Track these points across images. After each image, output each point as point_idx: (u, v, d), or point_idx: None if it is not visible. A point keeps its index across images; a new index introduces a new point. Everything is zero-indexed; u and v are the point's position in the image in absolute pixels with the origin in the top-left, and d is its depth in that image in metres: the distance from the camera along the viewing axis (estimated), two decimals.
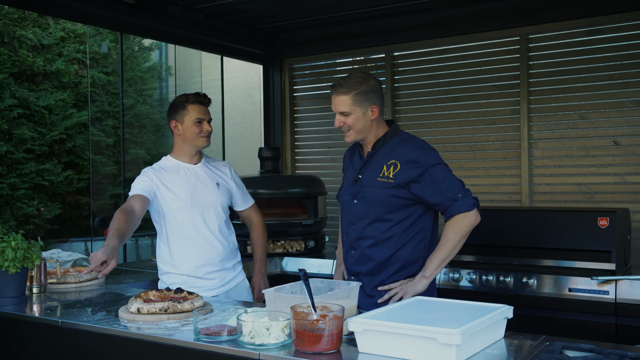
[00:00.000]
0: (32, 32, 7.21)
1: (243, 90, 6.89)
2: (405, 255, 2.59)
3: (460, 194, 2.49)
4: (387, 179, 2.54)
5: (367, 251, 2.61)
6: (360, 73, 2.61)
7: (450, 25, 4.49)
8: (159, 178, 2.96)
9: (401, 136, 2.63)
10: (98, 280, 3.09)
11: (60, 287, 2.95)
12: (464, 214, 2.48)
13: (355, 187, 2.65)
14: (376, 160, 2.61)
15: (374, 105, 2.55)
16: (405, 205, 2.56)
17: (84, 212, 7.52)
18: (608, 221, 3.31)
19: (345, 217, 2.72)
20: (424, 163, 2.50)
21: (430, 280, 2.52)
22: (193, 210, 2.94)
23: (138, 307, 2.26)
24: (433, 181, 2.49)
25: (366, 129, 2.58)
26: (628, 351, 1.79)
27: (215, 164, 3.16)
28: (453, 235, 2.49)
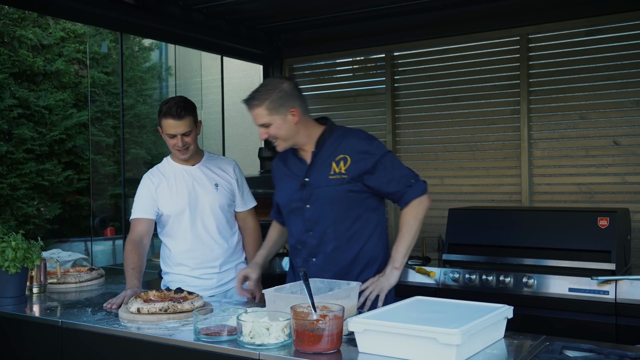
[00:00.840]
0: (32, 32, 7.21)
1: (243, 90, 6.89)
2: (369, 252, 2.55)
3: (413, 179, 2.50)
4: (339, 175, 2.48)
5: (330, 255, 2.53)
6: (271, 79, 2.53)
7: (450, 25, 4.49)
8: (158, 185, 2.98)
9: (340, 130, 2.58)
10: (98, 280, 3.10)
11: (60, 287, 2.95)
12: (420, 199, 2.49)
13: (305, 191, 2.54)
14: (322, 159, 2.53)
15: (292, 108, 2.46)
16: (361, 200, 2.51)
17: (84, 212, 7.52)
18: (608, 221, 3.31)
19: (297, 225, 2.59)
20: (375, 152, 2.47)
21: (401, 270, 2.49)
22: (190, 213, 2.94)
23: (138, 307, 2.26)
24: (386, 170, 2.47)
25: (292, 134, 2.50)
26: (628, 351, 1.79)
27: (218, 162, 3.08)
28: (414, 220, 2.49)
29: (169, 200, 2.95)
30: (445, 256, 3.78)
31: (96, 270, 3.14)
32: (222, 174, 3.04)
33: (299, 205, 2.56)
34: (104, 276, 3.19)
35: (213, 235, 2.97)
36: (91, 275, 3.06)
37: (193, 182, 2.98)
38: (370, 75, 5.04)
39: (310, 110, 5.40)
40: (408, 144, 4.79)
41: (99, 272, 3.14)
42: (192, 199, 2.95)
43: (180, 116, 2.80)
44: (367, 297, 2.46)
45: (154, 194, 2.96)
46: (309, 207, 2.53)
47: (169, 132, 2.85)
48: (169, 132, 2.85)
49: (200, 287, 2.94)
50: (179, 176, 3.00)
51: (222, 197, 2.99)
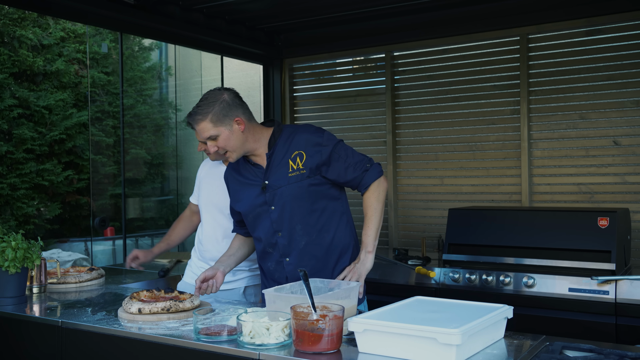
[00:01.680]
0: (32, 32, 7.21)
1: (243, 90, 6.86)
2: (340, 242, 2.59)
3: (368, 163, 2.55)
4: (298, 171, 2.50)
5: (304, 251, 2.54)
6: (210, 92, 2.51)
7: (450, 25, 4.49)
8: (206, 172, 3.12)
9: (290, 128, 2.59)
10: (98, 280, 3.10)
11: (60, 287, 2.95)
12: (378, 181, 2.54)
13: (267, 194, 2.53)
14: (277, 159, 2.53)
15: (236, 117, 2.46)
16: (323, 191, 2.54)
17: (84, 212, 7.52)
18: (608, 221, 3.31)
19: (264, 229, 2.57)
20: (327, 143, 2.51)
21: (374, 253, 2.52)
22: (209, 208, 3.05)
23: (139, 307, 2.26)
24: (341, 159, 2.51)
25: (241, 142, 2.49)
26: (628, 351, 1.79)
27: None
28: (377, 203, 2.53)
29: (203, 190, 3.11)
30: (445, 256, 3.78)
31: (96, 270, 3.14)
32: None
33: (263, 209, 2.56)
34: (104, 276, 3.19)
35: (217, 236, 3.01)
36: (91, 275, 3.06)
37: (217, 179, 2.94)
38: (370, 75, 5.04)
39: (310, 110, 5.42)
40: (408, 144, 4.79)
41: (99, 272, 3.14)
42: (211, 195, 3.03)
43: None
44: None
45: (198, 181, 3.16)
46: (274, 208, 2.54)
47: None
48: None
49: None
50: (212, 171, 3.08)
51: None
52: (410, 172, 4.77)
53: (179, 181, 7.46)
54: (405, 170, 4.79)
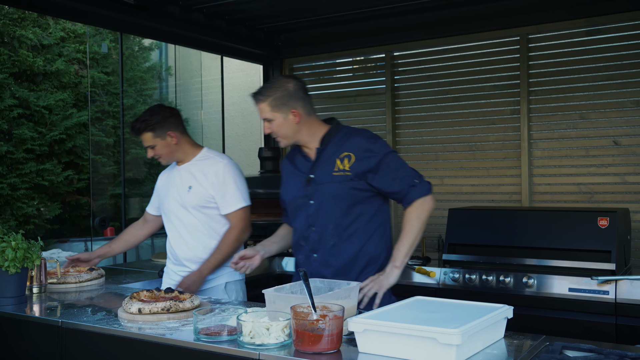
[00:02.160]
0: (32, 32, 7.21)
1: (243, 90, 6.90)
2: (370, 250, 2.55)
3: (417, 179, 2.49)
4: (343, 172, 2.49)
5: (332, 250, 2.54)
6: (280, 77, 2.58)
7: (450, 25, 4.49)
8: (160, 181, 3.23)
9: (346, 129, 2.62)
10: (98, 280, 3.10)
11: (60, 287, 2.95)
12: (423, 199, 2.48)
13: (309, 187, 2.56)
14: (326, 156, 2.55)
15: (293, 109, 2.51)
16: (364, 198, 2.52)
17: (84, 212, 7.52)
18: (608, 221, 3.31)
19: (301, 221, 2.61)
20: (379, 151, 2.49)
21: (402, 269, 2.48)
22: (166, 211, 3.13)
23: (139, 307, 2.26)
24: (389, 169, 2.48)
25: (293, 132, 2.55)
26: (628, 351, 1.79)
27: (204, 163, 3.06)
28: (416, 221, 2.47)
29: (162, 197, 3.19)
30: (445, 256, 3.78)
31: (96, 270, 3.14)
32: (200, 176, 3.02)
33: (303, 201, 2.58)
34: (104, 276, 3.19)
35: (183, 234, 3.06)
36: (91, 275, 3.07)
37: (173, 181, 3.10)
38: (370, 75, 5.04)
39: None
40: (408, 144, 4.79)
41: (99, 272, 3.14)
42: (165, 198, 3.12)
43: (137, 132, 3.00)
44: (365, 293, 2.46)
45: (158, 191, 3.23)
46: (313, 202, 2.55)
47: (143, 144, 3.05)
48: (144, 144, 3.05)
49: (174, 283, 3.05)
50: (169, 173, 3.18)
51: (193, 199, 3.01)
52: None
53: None
54: None
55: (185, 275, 2.98)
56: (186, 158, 3.08)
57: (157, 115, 3.00)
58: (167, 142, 3.01)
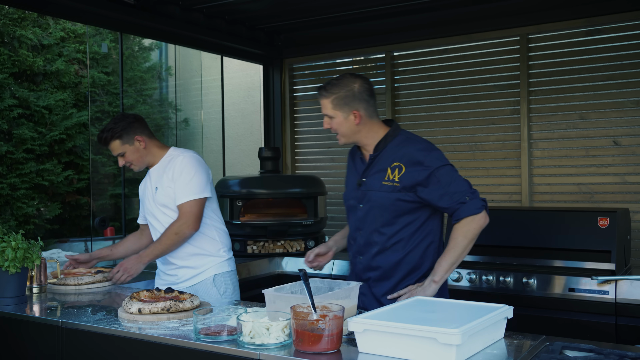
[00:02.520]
0: (32, 32, 7.21)
1: (243, 90, 6.89)
2: (413, 260, 2.52)
3: (468, 196, 2.42)
4: (392, 182, 2.47)
5: (375, 257, 2.55)
6: (347, 76, 2.55)
7: (450, 25, 4.49)
8: (140, 188, 3.27)
9: (403, 136, 2.56)
10: (101, 284, 3.02)
11: (60, 288, 2.94)
12: (472, 217, 2.40)
13: (360, 191, 2.58)
14: (379, 163, 2.53)
15: (355, 110, 2.50)
16: (412, 209, 2.49)
17: (84, 212, 7.52)
18: (608, 221, 3.31)
19: (351, 222, 2.65)
20: (430, 165, 2.43)
21: (440, 284, 2.43)
22: (146, 215, 3.18)
23: (139, 307, 2.26)
24: (440, 184, 2.42)
25: (352, 133, 2.54)
26: (628, 351, 1.79)
27: (169, 162, 3.05)
28: (462, 238, 2.41)
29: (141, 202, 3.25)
30: None
31: (102, 273, 3.05)
32: (163, 175, 3.04)
33: (354, 203, 2.62)
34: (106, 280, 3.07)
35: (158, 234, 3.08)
36: (93, 278, 3.00)
37: (145, 186, 3.17)
38: (370, 75, 5.03)
39: (310, 110, 5.41)
40: None
41: (104, 275, 3.03)
42: (143, 204, 3.20)
43: (105, 142, 3.03)
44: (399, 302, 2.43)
45: (140, 199, 3.27)
46: (362, 206, 2.57)
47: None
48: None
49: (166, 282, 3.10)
50: (145, 181, 3.21)
51: (161, 198, 3.04)
52: None
53: None
54: None
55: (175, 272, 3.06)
56: (155, 161, 3.11)
57: (122, 122, 3.03)
58: (135, 147, 3.04)
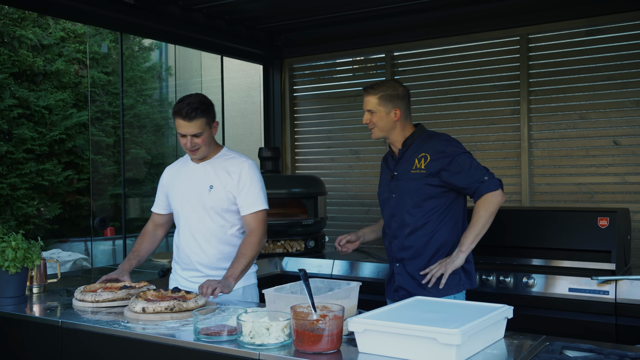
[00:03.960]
0: (32, 32, 7.21)
1: (243, 90, 6.89)
2: (441, 239, 2.84)
3: (487, 176, 2.77)
4: (419, 170, 2.83)
5: (407, 238, 2.86)
6: (393, 81, 2.99)
7: (450, 25, 4.49)
8: (170, 176, 3.02)
9: (427, 133, 2.94)
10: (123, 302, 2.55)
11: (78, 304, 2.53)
12: (492, 193, 2.75)
13: (392, 183, 2.93)
14: (407, 156, 2.90)
15: (396, 108, 2.87)
16: (438, 193, 2.82)
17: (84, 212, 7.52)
18: (608, 221, 3.31)
19: (386, 212, 2.97)
20: (451, 152, 2.80)
21: (467, 253, 2.76)
22: (183, 212, 2.91)
23: (143, 306, 2.26)
24: (461, 167, 2.77)
25: (389, 128, 2.89)
26: (628, 351, 1.79)
27: (227, 162, 2.90)
28: (484, 212, 2.75)
29: (172, 195, 2.97)
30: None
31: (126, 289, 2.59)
32: (223, 175, 2.86)
33: (388, 195, 2.97)
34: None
35: (198, 238, 2.88)
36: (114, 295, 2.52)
37: (191, 179, 2.90)
38: (370, 75, 5.04)
39: (310, 110, 5.41)
40: None
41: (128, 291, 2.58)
42: (184, 197, 2.90)
43: (190, 117, 2.72)
44: (433, 274, 2.76)
45: (165, 188, 3.02)
46: (394, 196, 2.92)
47: (179, 132, 2.79)
48: (179, 131, 2.79)
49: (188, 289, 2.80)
50: (185, 172, 2.95)
51: (214, 201, 2.84)
52: None
53: None
54: None
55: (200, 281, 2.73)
56: (210, 154, 2.90)
57: (209, 102, 2.83)
58: (211, 133, 2.84)
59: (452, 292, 2.83)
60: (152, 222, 3.10)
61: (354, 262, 4.01)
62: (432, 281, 2.77)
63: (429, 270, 2.79)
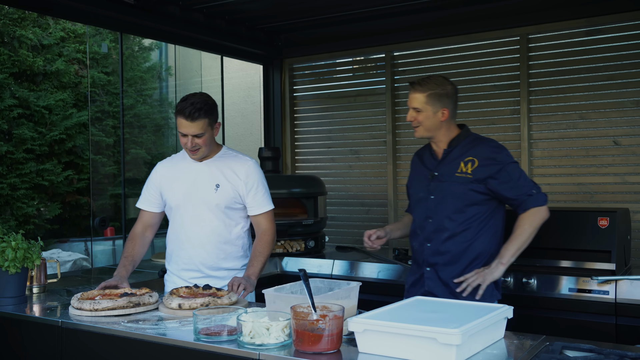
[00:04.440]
0: (32, 32, 7.21)
1: (243, 90, 6.90)
2: (480, 248, 2.73)
3: (534, 190, 2.67)
4: (465, 174, 2.71)
5: (445, 243, 2.75)
6: (440, 77, 2.81)
7: (450, 25, 4.49)
8: (165, 173, 2.93)
9: (474, 136, 2.83)
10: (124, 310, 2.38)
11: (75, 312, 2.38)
12: (538, 208, 2.66)
13: (432, 183, 2.80)
14: (452, 157, 2.77)
15: (444, 108, 2.73)
16: (481, 200, 2.71)
17: (84, 212, 7.52)
18: (608, 221, 3.31)
19: (420, 212, 2.85)
20: (502, 161, 2.69)
21: (507, 266, 2.65)
22: (185, 210, 2.85)
23: (179, 303, 2.31)
24: (510, 177, 2.67)
25: (434, 127, 2.76)
26: (628, 351, 1.79)
27: (231, 161, 2.88)
28: (528, 226, 2.65)
29: (171, 193, 2.89)
30: None
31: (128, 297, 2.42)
32: (230, 174, 2.84)
33: (424, 195, 2.82)
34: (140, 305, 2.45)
35: (201, 238, 2.85)
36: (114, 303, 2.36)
37: (195, 178, 2.85)
38: (370, 75, 5.04)
39: (310, 110, 5.41)
40: (408, 144, 4.79)
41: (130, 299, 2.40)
42: (187, 196, 2.84)
43: (192, 118, 2.69)
44: (469, 283, 2.65)
45: (158, 185, 2.92)
46: (433, 197, 2.78)
47: (181, 131, 2.75)
48: (180, 130, 2.75)
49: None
50: (186, 170, 2.89)
51: (220, 199, 2.82)
52: None
53: None
54: (405, 170, 4.78)
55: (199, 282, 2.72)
56: (211, 154, 2.87)
57: (212, 102, 2.79)
58: (213, 133, 2.81)
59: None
60: (141, 223, 2.96)
61: (354, 262, 4.01)
62: (468, 290, 2.65)
63: (464, 279, 2.67)
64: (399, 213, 4.81)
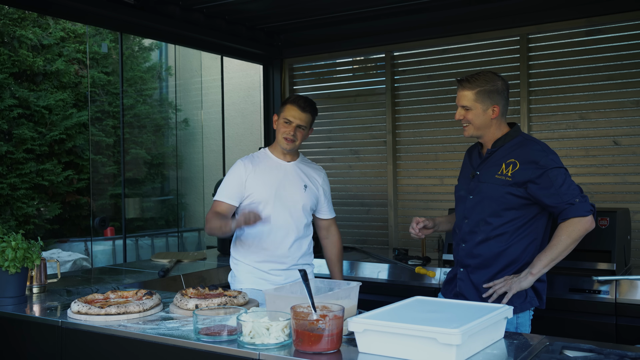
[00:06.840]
0: (32, 32, 7.20)
1: (243, 90, 6.90)
2: (515, 254, 2.61)
3: (578, 199, 2.50)
4: (504, 176, 2.59)
5: (478, 246, 2.66)
6: (490, 73, 2.69)
7: (450, 25, 4.49)
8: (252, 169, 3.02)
9: (522, 137, 2.68)
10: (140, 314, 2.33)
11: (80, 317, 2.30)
12: (580, 219, 2.49)
13: (472, 183, 2.71)
14: (495, 158, 2.66)
15: (495, 105, 2.62)
16: (520, 205, 2.59)
17: (84, 212, 7.51)
18: (608, 221, 3.31)
19: (459, 211, 2.78)
20: (545, 165, 2.53)
21: (536, 277, 2.53)
22: (274, 206, 2.99)
23: (196, 303, 2.30)
24: (551, 183, 2.51)
25: (484, 126, 2.65)
26: (628, 351, 1.79)
27: (310, 167, 3.18)
28: (565, 237, 2.49)
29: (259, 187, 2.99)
30: (445, 256, 3.78)
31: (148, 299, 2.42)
32: (313, 178, 3.15)
33: (464, 194, 2.75)
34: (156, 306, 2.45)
35: (290, 233, 3.02)
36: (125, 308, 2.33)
37: (284, 177, 3.05)
38: (370, 75, 5.04)
39: None
40: (408, 144, 4.79)
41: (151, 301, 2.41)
42: (279, 192, 3.01)
43: (304, 109, 2.98)
44: (495, 290, 2.56)
45: (244, 179, 3.01)
46: (472, 197, 2.70)
47: (288, 118, 2.97)
48: (288, 117, 2.97)
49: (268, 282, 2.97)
50: (273, 167, 3.06)
51: (307, 199, 3.07)
52: (410, 172, 4.77)
53: (179, 181, 7.46)
54: (405, 170, 4.78)
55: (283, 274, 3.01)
56: (295, 156, 3.14)
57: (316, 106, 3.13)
58: (308, 133, 3.08)
59: (516, 312, 2.59)
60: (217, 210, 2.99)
61: (354, 262, 4.01)
62: (494, 297, 2.56)
63: (492, 284, 2.59)
64: (399, 213, 4.82)
